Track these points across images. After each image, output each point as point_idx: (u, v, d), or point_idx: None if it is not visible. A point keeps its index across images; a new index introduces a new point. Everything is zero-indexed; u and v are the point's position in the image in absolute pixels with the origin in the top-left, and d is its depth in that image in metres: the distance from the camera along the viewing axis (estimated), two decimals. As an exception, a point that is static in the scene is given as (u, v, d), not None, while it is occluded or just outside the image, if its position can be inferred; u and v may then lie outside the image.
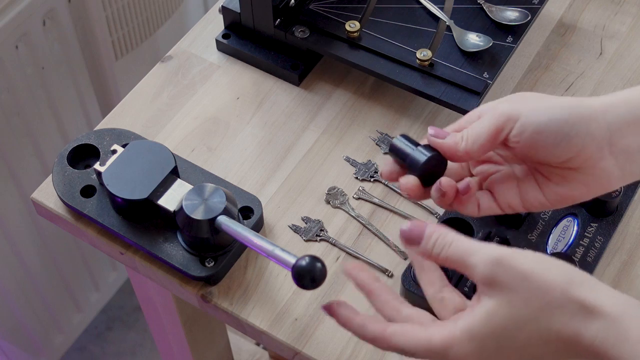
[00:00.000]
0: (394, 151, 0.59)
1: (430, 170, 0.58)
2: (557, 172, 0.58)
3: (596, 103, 0.57)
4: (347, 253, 0.74)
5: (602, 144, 0.56)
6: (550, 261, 0.52)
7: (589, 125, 0.56)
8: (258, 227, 0.75)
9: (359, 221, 0.76)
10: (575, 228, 0.72)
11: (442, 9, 0.85)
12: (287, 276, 0.72)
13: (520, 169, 0.60)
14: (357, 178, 0.79)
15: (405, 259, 0.74)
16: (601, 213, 0.73)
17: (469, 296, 0.55)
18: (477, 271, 0.52)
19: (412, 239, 0.55)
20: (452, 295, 0.56)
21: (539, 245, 0.71)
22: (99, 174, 0.74)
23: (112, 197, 0.72)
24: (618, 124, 0.56)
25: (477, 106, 0.77)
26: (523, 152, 0.58)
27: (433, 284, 0.56)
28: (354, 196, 0.78)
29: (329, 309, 0.56)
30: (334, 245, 0.75)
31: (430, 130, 0.60)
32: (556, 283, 0.50)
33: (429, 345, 0.52)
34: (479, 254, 0.52)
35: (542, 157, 0.57)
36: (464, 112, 0.78)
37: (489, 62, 0.81)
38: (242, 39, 0.88)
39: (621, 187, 0.72)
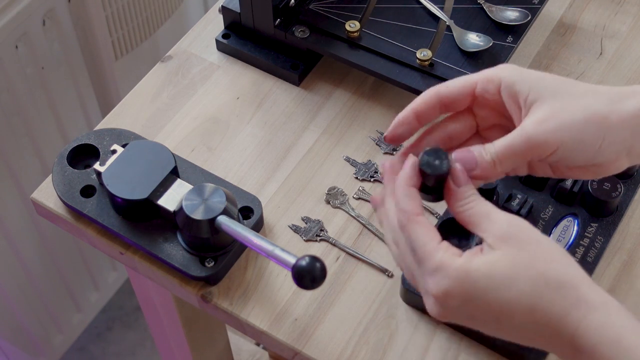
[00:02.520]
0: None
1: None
2: (568, 163, 0.58)
3: (625, 111, 0.56)
4: (347, 253, 0.74)
5: (623, 150, 0.57)
6: (561, 247, 0.54)
7: (618, 138, 0.56)
8: (258, 227, 0.75)
9: (359, 221, 0.76)
10: (575, 228, 0.72)
11: (442, 9, 0.85)
12: (287, 276, 0.72)
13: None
14: (357, 178, 0.79)
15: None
16: (601, 213, 0.73)
17: None
18: (497, 225, 0.53)
19: (460, 180, 0.56)
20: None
21: (539, 245, 0.71)
22: (99, 174, 0.74)
23: (112, 197, 0.72)
24: None
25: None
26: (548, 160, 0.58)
27: (419, 204, 0.56)
28: (354, 196, 0.78)
29: (405, 163, 0.57)
30: (334, 245, 0.75)
31: (458, 157, 0.58)
32: (563, 260, 0.53)
33: (428, 255, 0.53)
34: (504, 214, 0.54)
35: (565, 162, 0.58)
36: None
37: (489, 62, 0.81)
38: (242, 39, 0.88)
39: (621, 187, 0.72)
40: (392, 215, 0.57)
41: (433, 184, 0.57)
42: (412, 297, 0.69)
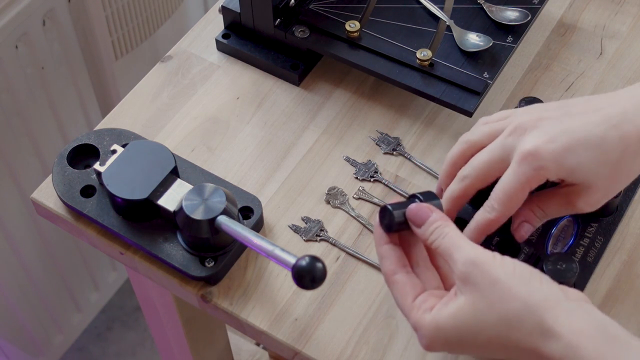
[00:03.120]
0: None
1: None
2: None
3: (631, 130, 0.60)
4: (347, 253, 0.74)
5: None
6: (525, 275, 0.55)
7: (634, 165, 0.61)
8: (258, 227, 0.75)
9: (359, 221, 0.76)
10: (575, 228, 0.72)
11: (442, 9, 0.85)
12: (287, 276, 0.72)
13: None
14: (357, 178, 0.79)
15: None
16: (601, 213, 0.73)
17: None
18: (456, 266, 0.56)
19: (415, 220, 0.60)
20: (422, 272, 0.61)
21: (539, 245, 0.71)
22: (99, 174, 0.74)
23: (112, 197, 0.72)
24: None
25: (476, 107, 0.78)
26: None
27: (392, 261, 0.61)
28: (354, 196, 0.78)
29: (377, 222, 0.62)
30: (334, 245, 0.75)
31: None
32: (519, 296, 0.53)
33: (407, 315, 0.59)
34: (462, 251, 0.56)
35: None
36: (464, 112, 0.78)
37: (489, 62, 0.81)
38: (242, 39, 0.88)
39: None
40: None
41: (398, 230, 0.62)
42: (412, 297, 0.69)
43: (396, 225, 0.61)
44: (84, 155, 0.78)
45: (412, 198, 0.63)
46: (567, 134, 0.60)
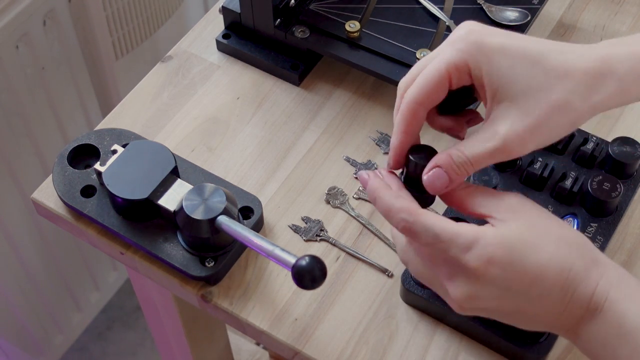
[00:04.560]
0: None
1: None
2: None
3: (600, 99, 0.55)
4: (347, 253, 0.74)
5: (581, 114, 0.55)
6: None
7: (588, 119, 0.56)
8: (258, 227, 0.75)
9: (359, 221, 0.76)
10: (575, 228, 0.72)
11: (442, 9, 0.85)
12: (287, 276, 0.72)
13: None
14: (357, 178, 0.79)
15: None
16: (601, 213, 0.73)
17: None
18: (504, 200, 0.55)
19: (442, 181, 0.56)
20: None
21: (539, 245, 0.71)
22: (99, 174, 0.74)
23: (112, 197, 0.72)
24: (606, 101, 0.55)
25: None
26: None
27: (412, 200, 0.57)
28: (354, 196, 0.78)
29: (363, 179, 0.58)
30: (334, 245, 0.75)
31: (430, 185, 0.58)
32: (571, 228, 0.56)
33: (457, 232, 0.53)
34: (504, 191, 0.56)
35: None
36: (464, 112, 0.78)
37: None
38: (242, 39, 0.88)
39: (621, 187, 0.72)
40: (393, 224, 0.56)
41: (414, 180, 0.58)
42: (412, 297, 0.69)
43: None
44: (84, 155, 0.78)
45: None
46: (509, 38, 0.55)
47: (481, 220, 0.56)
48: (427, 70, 0.56)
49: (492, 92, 0.55)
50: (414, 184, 0.58)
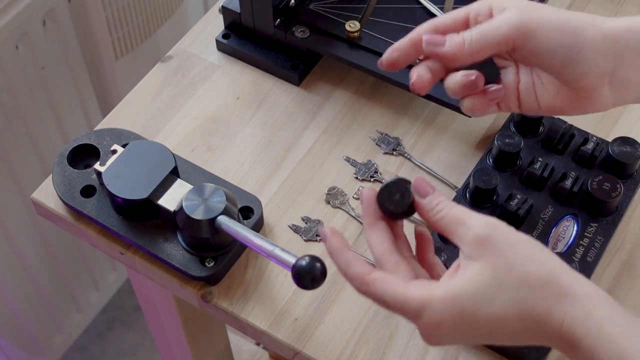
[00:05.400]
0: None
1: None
2: (555, 83, 0.60)
3: (608, 28, 0.58)
4: (347, 253, 0.74)
5: (604, 73, 0.58)
6: (538, 243, 0.54)
7: (597, 55, 0.57)
8: (258, 227, 0.75)
9: (359, 221, 0.76)
10: (575, 228, 0.72)
11: (442, 9, 0.85)
12: (287, 276, 0.72)
13: (522, 70, 0.61)
14: (357, 178, 0.79)
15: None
16: (601, 213, 0.73)
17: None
18: (471, 230, 0.53)
19: (422, 189, 0.56)
20: (411, 262, 0.56)
21: (539, 245, 0.71)
22: (99, 174, 0.74)
23: (112, 197, 0.72)
24: (625, 55, 0.58)
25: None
26: (527, 62, 0.60)
27: (382, 243, 0.56)
28: (354, 196, 0.78)
29: (323, 235, 0.57)
30: (334, 245, 0.75)
31: (426, 37, 0.60)
32: (540, 257, 0.52)
33: (405, 300, 0.53)
34: (478, 217, 0.54)
35: (544, 69, 0.59)
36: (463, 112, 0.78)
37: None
38: (242, 39, 0.88)
39: (621, 187, 0.72)
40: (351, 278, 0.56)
41: (403, 210, 0.57)
42: (412, 297, 0.69)
43: (408, 200, 0.56)
44: (84, 155, 0.78)
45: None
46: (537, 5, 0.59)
47: None
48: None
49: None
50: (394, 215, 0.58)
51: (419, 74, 0.61)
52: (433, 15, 0.84)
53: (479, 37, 0.59)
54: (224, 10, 0.88)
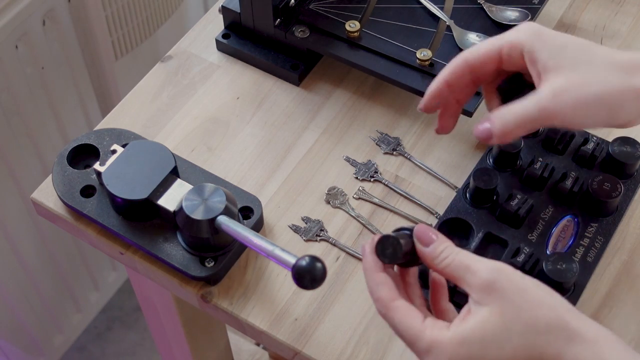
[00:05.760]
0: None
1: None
2: None
3: None
4: (347, 253, 0.74)
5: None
6: (546, 287, 0.54)
7: (630, 108, 0.58)
8: (258, 227, 0.75)
9: (359, 221, 0.76)
10: (575, 228, 0.72)
11: (442, 8, 0.85)
12: (287, 276, 0.72)
13: None
14: (357, 178, 0.79)
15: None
16: (601, 213, 0.73)
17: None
18: (478, 276, 0.53)
19: (424, 238, 0.57)
20: (420, 308, 0.58)
21: (539, 246, 0.71)
22: (98, 174, 0.74)
23: (112, 197, 0.72)
24: None
25: (476, 107, 0.78)
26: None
27: (391, 288, 0.57)
28: (354, 196, 0.78)
29: (364, 250, 0.58)
30: (334, 245, 0.75)
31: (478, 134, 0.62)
32: (548, 301, 0.53)
33: (416, 337, 0.54)
34: (483, 262, 0.54)
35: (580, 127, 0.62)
36: (464, 112, 0.78)
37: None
38: (242, 39, 0.88)
39: (621, 187, 0.72)
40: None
41: (402, 262, 0.58)
42: (412, 297, 0.69)
43: (400, 254, 0.57)
44: (84, 155, 0.78)
45: (398, 231, 0.60)
46: (565, 34, 0.61)
47: None
48: (484, 43, 0.62)
49: (543, 65, 0.59)
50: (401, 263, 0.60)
51: (443, 126, 0.67)
52: (433, 15, 0.84)
53: (522, 124, 0.59)
54: (224, 10, 0.88)
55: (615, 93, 0.58)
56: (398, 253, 0.57)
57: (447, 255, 0.56)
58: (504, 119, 0.59)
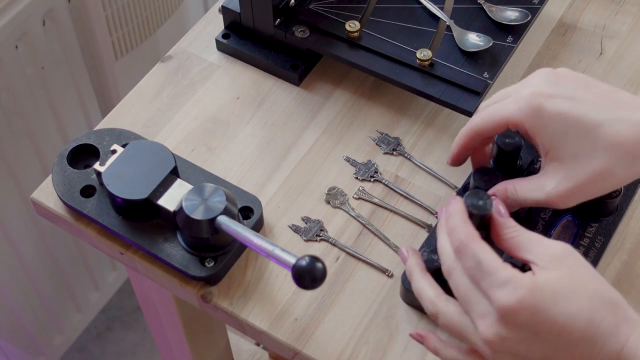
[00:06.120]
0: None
1: None
2: None
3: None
4: (347, 253, 0.74)
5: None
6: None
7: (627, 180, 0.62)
8: (258, 227, 0.75)
9: (359, 221, 0.76)
10: (575, 228, 0.72)
11: (442, 8, 0.85)
12: (287, 276, 0.72)
13: None
14: (357, 178, 0.79)
15: (405, 259, 0.74)
16: (601, 213, 0.73)
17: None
18: (550, 249, 0.57)
19: (502, 210, 0.61)
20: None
21: (539, 245, 0.71)
22: (98, 174, 0.74)
23: (112, 197, 0.72)
24: None
25: (476, 106, 0.78)
26: None
27: (435, 287, 0.61)
28: (354, 196, 0.78)
29: (403, 256, 0.65)
30: (334, 245, 0.75)
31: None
32: (608, 284, 0.56)
33: (497, 267, 0.55)
34: (554, 241, 0.58)
35: None
36: (464, 112, 0.78)
37: (489, 62, 0.81)
38: (242, 39, 0.88)
39: (621, 187, 0.72)
40: (446, 246, 0.59)
41: (477, 224, 0.60)
42: (412, 297, 0.69)
43: (489, 208, 0.61)
44: (84, 155, 0.78)
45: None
46: (570, 104, 0.61)
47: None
48: (490, 114, 0.64)
49: (545, 151, 0.63)
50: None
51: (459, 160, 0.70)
52: (433, 15, 0.84)
53: (530, 204, 0.65)
54: (224, 10, 0.88)
55: (618, 182, 0.61)
56: (488, 207, 0.60)
57: (517, 229, 0.59)
58: (518, 200, 0.65)
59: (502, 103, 0.64)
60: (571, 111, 0.61)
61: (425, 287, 0.61)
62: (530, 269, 0.56)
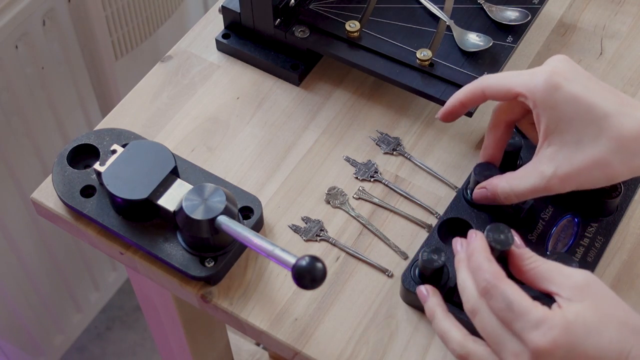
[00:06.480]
0: None
1: None
2: None
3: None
4: (347, 253, 0.74)
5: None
6: None
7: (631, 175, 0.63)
8: (258, 227, 0.75)
9: (359, 221, 0.76)
10: (575, 228, 0.72)
11: (442, 8, 0.85)
12: (287, 276, 0.72)
13: None
14: (357, 178, 0.79)
15: (405, 258, 0.74)
16: (601, 213, 0.73)
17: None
18: (573, 278, 0.57)
19: (520, 242, 0.62)
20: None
21: (539, 245, 0.71)
22: (98, 174, 0.74)
23: (112, 197, 0.72)
24: None
25: (476, 106, 0.78)
26: None
27: (460, 328, 0.61)
28: (354, 196, 0.78)
29: (422, 295, 0.66)
30: (334, 245, 0.75)
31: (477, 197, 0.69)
32: (633, 311, 0.57)
33: (528, 309, 0.55)
34: (575, 269, 0.58)
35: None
36: (464, 112, 0.78)
37: (489, 62, 0.81)
38: (242, 39, 0.88)
39: (621, 187, 0.72)
40: (469, 284, 0.60)
41: (496, 257, 0.61)
42: (412, 297, 0.69)
43: (511, 242, 0.61)
44: (84, 155, 0.78)
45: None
46: (586, 88, 0.62)
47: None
48: (504, 77, 0.66)
49: (547, 132, 0.63)
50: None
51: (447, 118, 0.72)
52: (433, 15, 0.84)
53: (527, 195, 0.66)
54: (224, 10, 0.88)
55: (615, 175, 0.62)
56: (510, 241, 0.60)
57: (536, 259, 0.59)
58: (516, 192, 0.66)
59: (518, 72, 0.65)
60: (585, 97, 0.62)
61: (451, 329, 0.61)
62: (552, 297, 0.57)
